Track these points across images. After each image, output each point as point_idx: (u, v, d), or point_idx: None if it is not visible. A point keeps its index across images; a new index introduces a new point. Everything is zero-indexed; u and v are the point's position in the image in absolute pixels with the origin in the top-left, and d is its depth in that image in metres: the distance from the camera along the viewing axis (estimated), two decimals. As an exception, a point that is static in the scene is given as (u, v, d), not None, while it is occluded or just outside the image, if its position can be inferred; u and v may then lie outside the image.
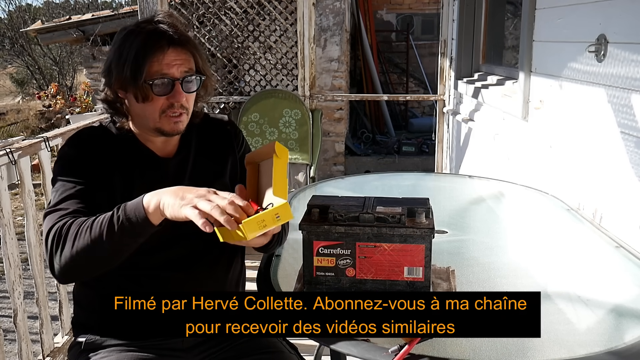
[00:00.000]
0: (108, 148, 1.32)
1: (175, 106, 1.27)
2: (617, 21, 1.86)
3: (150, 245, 1.28)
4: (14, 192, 3.89)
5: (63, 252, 1.15)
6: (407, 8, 9.53)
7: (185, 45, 1.28)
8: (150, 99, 1.25)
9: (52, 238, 1.17)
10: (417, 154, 7.91)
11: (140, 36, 1.25)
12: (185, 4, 4.20)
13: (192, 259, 1.36)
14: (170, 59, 1.25)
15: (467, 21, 3.95)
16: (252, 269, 1.50)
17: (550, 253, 1.62)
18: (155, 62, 1.24)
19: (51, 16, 12.91)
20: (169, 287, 1.33)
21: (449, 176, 3.62)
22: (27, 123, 10.76)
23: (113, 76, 1.27)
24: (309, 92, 4.07)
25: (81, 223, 1.14)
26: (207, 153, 1.42)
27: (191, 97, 1.31)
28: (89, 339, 1.35)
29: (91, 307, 1.37)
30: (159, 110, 1.27)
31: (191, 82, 1.29)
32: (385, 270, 1.18)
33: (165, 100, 1.26)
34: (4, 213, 2.11)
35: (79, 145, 1.31)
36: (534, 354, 1.09)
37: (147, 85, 1.24)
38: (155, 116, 1.27)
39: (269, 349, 1.37)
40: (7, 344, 2.90)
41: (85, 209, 1.21)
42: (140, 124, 1.33)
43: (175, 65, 1.26)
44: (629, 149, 1.79)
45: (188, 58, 1.28)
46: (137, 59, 1.23)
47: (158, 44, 1.24)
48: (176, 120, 1.28)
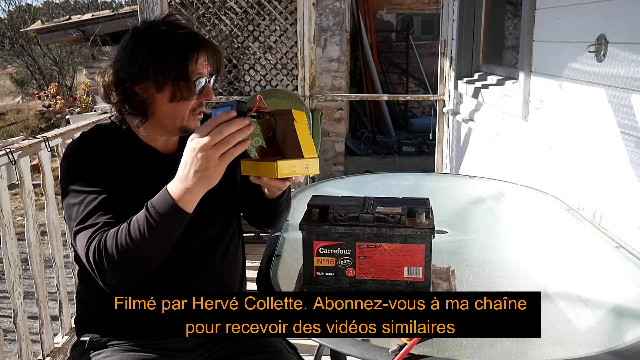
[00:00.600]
0: (114, 149, 1.33)
1: (204, 104, 1.34)
2: (617, 21, 1.86)
3: None
4: (13, 192, 3.89)
5: (111, 267, 1.15)
6: (407, 8, 9.53)
7: (214, 47, 1.35)
8: (189, 98, 1.30)
9: (92, 257, 1.17)
10: (417, 154, 7.91)
11: (177, 37, 1.28)
12: (185, 4, 4.20)
13: (196, 255, 1.37)
14: (202, 60, 1.31)
15: (467, 21, 3.95)
16: (252, 269, 1.50)
17: (550, 253, 1.62)
18: (194, 63, 1.29)
19: (51, 16, 12.91)
20: (172, 282, 1.33)
21: (449, 176, 3.62)
22: (27, 123, 10.77)
23: (149, 76, 1.27)
24: (309, 92, 4.07)
25: (116, 233, 1.16)
26: None
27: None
28: (93, 337, 1.35)
29: (94, 305, 1.37)
30: (190, 109, 1.31)
31: (215, 82, 1.37)
32: (385, 270, 1.18)
33: (197, 100, 1.31)
34: (3, 213, 2.10)
35: (86, 150, 1.31)
36: (534, 354, 1.09)
37: (192, 84, 1.29)
38: (185, 115, 1.31)
39: (269, 349, 1.37)
40: (7, 344, 2.90)
41: (112, 219, 1.21)
42: (161, 123, 1.33)
43: (206, 67, 1.32)
44: (629, 149, 1.79)
45: (212, 60, 1.35)
46: (181, 60, 1.27)
47: (196, 46, 1.29)
48: (199, 118, 1.34)
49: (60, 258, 2.48)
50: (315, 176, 3.94)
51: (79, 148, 1.32)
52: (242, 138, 1.10)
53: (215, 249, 1.39)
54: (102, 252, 1.16)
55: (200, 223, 1.35)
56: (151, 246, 1.15)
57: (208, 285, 1.37)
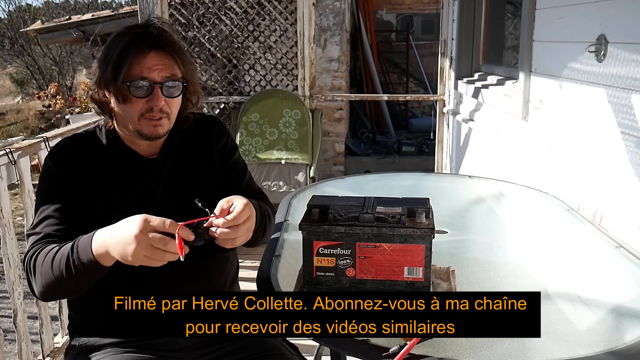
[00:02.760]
0: (90, 155, 1.34)
1: (155, 110, 1.28)
2: (617, 21, 1.86)
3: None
4: (13, 192, 3.88)
5: (35, 280, 1.21)
6: (407, 8, 9.53)
7: (169, 50, 1.29)
8: (129, 101, 1.27)
9: (25, 265, 1.23)
10: (417, 154, 7.91)
11: (126, 38, 1.27)
12: (185, 4, 4.19)
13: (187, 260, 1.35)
14: (151, 63, 1.27)
15: (467, 21, 3.95)
16: (252, 269, 1.50)
17: (550, 253, 1.62)
18: (136, 65, 1.26)
19: (51, 16, 12.90)
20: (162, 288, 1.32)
21: (449, 176, 3.62)
22: (26, 123, 10.76)
23: (98, 75, 1.29)
24: (309, 92, 4.07)
25: (45, 255, 1.19)
26: (185, 154, 1.43)
27: (172, 103, 1.32)
28: (82, 341, 1.35)
29: (84, 309, 1.37)
30: (138, 113, 1.28)
31: (173, 88, 1.30)
32: (385, 271, 1.18)
33: (145, 104, 1.27)
34: (3, 213, 2.10)
35: (59, 158, 1.33)
36: (534, 354, 1.08)
37: (125, 86, 1.25)
38: (134, 118, 1.29)
39: (270, 351, 1.36)
40: (7, 344, 2.90)
41: (60, 231, 1.25)
42: (123, 125, 1.34)
43: (157, 70, 1.27)
44: (629, 149, 1.79)
45: (171, 64, 1.29)
46: (118, 59, 1.25)
47: (139, 46, 1.26)
48: (155, 123, 1.29)
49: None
50: (315, 176, 3.94)
51: (53, 155, 1.35)
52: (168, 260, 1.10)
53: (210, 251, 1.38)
54: (31, 266, 1.21)
55: None
56: (68, 282, 1.18)
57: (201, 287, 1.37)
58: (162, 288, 1.32)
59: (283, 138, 3.96)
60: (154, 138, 1.33)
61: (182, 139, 1.44)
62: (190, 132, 1.45)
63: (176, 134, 1.43)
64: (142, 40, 1.27)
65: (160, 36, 1.29)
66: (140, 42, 1.26)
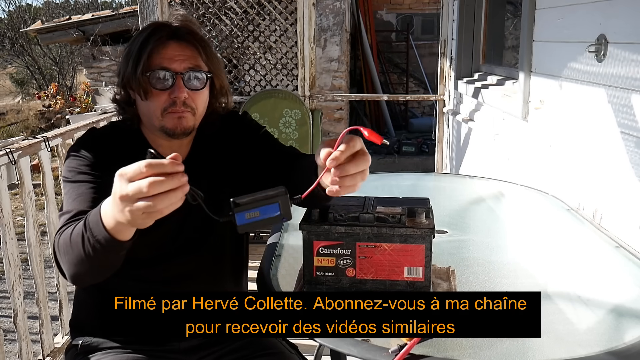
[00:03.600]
0: (117, 149, 1.26)
1: (177, 103, 1.20)
2: (617, 21, 1.86)
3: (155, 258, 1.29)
4: (13, 192, 3.89)
5: (63, 262, 1.10)
6: (407, 8, 9.54)
7: (190, 40, 1.23)
8: (151, 94, 1.20)
9: (53, 246, 1.12)
10: (417, 154, 7.92)
11: (147, 31, 1.23)
12: (185, 4, 4.19)
13: (196, 273, 1.34)
14: (172, 53, 1.21)
15: (467, 21, 3.95)
16: (252, 269, 1.50)
17: (550, 253, 1.62)
18: (156, 55, 1.20)
19: (51, 16, 12.91)
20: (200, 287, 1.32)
21: (449, 176, 3.62)
22: (27, 123, 10.76)
23: (121, 74, 1.24)
24: (309, 92, 4.07)
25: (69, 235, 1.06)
26: (210, 161, 1.35)
27: (197, 96, 1.24)
28: (85, 341, 1.34)
29: (89, 308, 1.37)
30: (161, 107, 1.21)
31: (196, 79, 1.22)
32: (385, 270, 1.18)
33: (167, 97, 1.20)
34: (3, 213, 2.10)
35: (88, 144, 1.26)
36: (534, 354, 1.08)
37: (145, 77, 1.19)
38: (158, 114, 1.22)
39: (270, 350, 1.36)
40: (7, 344, 2.90)
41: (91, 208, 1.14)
42: (148, 125, 1.28)
43: (178, 60, 1.20)
44: (629, 149, 1.79)
45: (193, 54, 1.23)
46: (138, 51, 1.20)
47: (158, 36, 1.21)
48: (179, 115, 1.21)
49: (60, 258, 2.48)
50: (315, 176, 3.93)
51: (82, 140, 1.29)
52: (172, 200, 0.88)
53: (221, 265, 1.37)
54: (59, 247, 1.08)
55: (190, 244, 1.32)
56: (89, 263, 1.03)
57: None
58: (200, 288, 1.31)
59: (283, 138, 3.96)
60: (179, 133, 1.24)
61: (209, 144, 1.35)
62: (216, 136, 1.36)
63: (202, 140, 1.34)
64: (162, 30, 1.22)
65: (181, 26, 1.23)
66: (160, 32, 1.21)
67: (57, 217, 1.25)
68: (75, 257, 1.04)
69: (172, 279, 1.32)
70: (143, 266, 1.29)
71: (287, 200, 0.98)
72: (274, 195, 0.98)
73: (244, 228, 1.01)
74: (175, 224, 1.28)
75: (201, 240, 1.33)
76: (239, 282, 1.46)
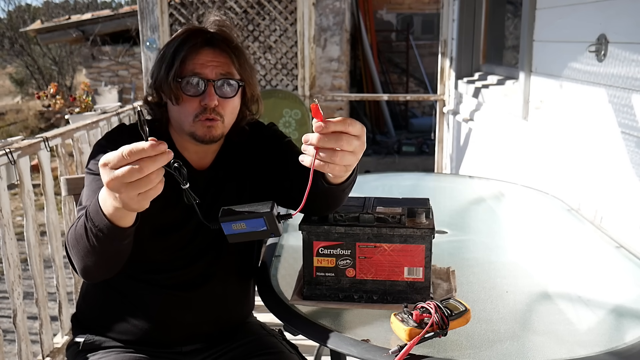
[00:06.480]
0: None
1: (207, 111, 1.19)
2: (617, 21, 1.86)
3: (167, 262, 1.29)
4: (13, 192, 3.88)
5: (73, 256, 1.09)
6: (407, 8, 9.54)
7: (224, 47, 1.22)
8: (182, 100, 1.20)
9: (65, 242, 1.12)
10: (417, 154, 7.93)
11: (182, 36, 1.23)
12: (185, 3, 4.19)
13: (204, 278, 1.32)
14: (205, 59, 1.20)
15: (467, 21, 3.95)
16: (252, 269, 1.50)
17: (550, 253, 1.62)
18: (189, 61, 1.20)
19: (51, 16, 12.90)
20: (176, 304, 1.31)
21: (449, 176, 3.62)
22: (26, 123, 10.77)
23: (154, 77, 1.24)
24: (309, 92, 4.07)
25: (75, 229, 1.06)
26: (236, 171, 1.33)
27: (227, 105, 1.22)
28: (88, 339, 1.34)
29: (95, 306, 1.37)
30: (192, 114, 1.20)
31: (227, 87, 1.21)
32: (385, 271, 1.18)
33: (198, 104, 1.20)
34: (3, 213, 2.10)
35: (115, 139, 1.23)
36: (534, 354, 1.08)
37: (176, 83, 1.19)
38: (189, 120, 1.21)
39: (270, 349, 1.36)
40: (6, 344, 2.90)
41: None
42: (177, 128, 1.27)
43: (210, 67, 1.20)
44: (629, 149, 1.79)
45: (226, 61, 1.22)
46: (172, 57, 1.20)
47: (192, 42, 1.20)
48: (210, 124, 1.20)
49: (59, 258, 2.48)
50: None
51: (110, 134, 1.27)
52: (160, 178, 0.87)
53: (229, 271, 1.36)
54: (68, 242, 1.09)
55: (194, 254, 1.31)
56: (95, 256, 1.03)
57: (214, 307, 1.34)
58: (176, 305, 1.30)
59: (283, 138, 3.96)
60: (208, 140, 1.23)
61: (235, 152, 1.34)
62: (243, 144, 1.35)
63: (229, 147, 1.33)
64: (196, 36, 1.21)
65: (216, 33, 1.23)
66: (194, 38, 1.21)
67: (58, 217, 1.24)
68: (82, 249, 1.04)
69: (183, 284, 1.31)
70: (156, 270, 1.29)
71: (273, 217, 0.99)
72: (259, 211, 0.99)
73: (233, 238, 1.03)
74: (192, 229, 1.28)
75: (216, 245, 1.32)
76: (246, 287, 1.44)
